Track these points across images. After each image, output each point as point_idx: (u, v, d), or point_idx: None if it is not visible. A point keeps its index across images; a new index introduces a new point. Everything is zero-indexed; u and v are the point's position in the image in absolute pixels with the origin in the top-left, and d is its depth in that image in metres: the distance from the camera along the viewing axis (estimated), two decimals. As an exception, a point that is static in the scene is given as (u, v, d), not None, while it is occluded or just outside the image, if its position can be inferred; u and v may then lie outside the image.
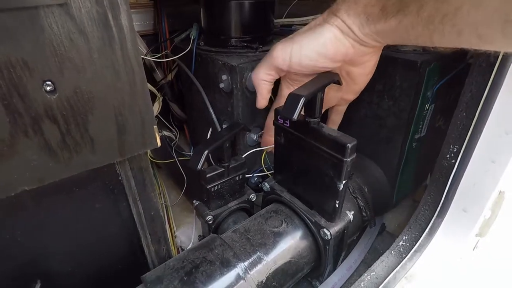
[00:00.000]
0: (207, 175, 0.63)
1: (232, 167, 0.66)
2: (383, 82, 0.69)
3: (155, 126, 0.46)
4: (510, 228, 0.69)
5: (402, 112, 0.68)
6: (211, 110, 0.73)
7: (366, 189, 0.75)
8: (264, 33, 0.75)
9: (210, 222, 0.67)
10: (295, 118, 0.45)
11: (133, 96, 0.41)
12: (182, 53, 0.75)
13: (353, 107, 0.76)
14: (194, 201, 0.71)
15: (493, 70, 0.44)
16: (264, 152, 0.77)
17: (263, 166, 0.78)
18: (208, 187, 0.64)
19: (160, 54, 0.86)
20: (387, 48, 0.70)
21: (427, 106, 0.70)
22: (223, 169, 0.65)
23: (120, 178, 0.48)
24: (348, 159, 0.50)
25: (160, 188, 1.00)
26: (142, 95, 0.42)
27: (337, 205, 0.56)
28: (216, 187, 0.66)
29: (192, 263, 0.52)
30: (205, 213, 0.67)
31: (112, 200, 0.49)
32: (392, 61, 0.65)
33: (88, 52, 0.35)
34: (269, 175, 0.77)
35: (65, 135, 0.37)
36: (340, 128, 0.82)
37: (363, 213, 0.72)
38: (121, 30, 0.36)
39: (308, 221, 0.62)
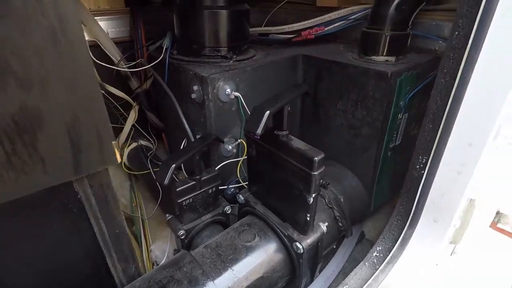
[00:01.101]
0: (178, 189, 0.61)
1: (204, 179, 0.65)
2: (356, 92, 0.68)
3: (114, 142, 0.44)
4: (485, 232, 0.70)
5: (376, 122, 0.68)
6: (184, 121, 0.72)
7: (342, 199, 0.74)
8: (239, 42, 0.75)
9: (183, 237, 0.66)
10: (259, 132, 0.44)
11: (88, 112, 0.39)
12: (154, 63, 0.73)
13: (330, 116, 0.76)
14: (167, 215, 0.69)
15: (455, 81, 0.44)
16: (240, 162, 0.76)
17: (238, 177, 0.77)
18: (179, 201, 0.63)
19: (134, 63, 0.84)
20: (360, 58, 0.70)
21: (400, 116, 0.70)
22: (194, 182, 0.63)
23: (79, 196, 0.46)
24: (316, 173, 0.49)
25: (137, 200, 0.98)
26: (98, 110, 0.40)
27: (308, 218, 0.56)
28: (188, 201, 0.64)
29: (159, 283, 0.51)
30: (178, 228, 0.65)
31: (72, 220, 0.47)
32: (364, 72, 0.65)
33: (35, 66, 0.33)
34: (245, 186, 0.76)
35: (11, 155, 0.35)
36: (318, 136, 0.82)
37: (339, 223, 0.72)
38: (72, 44, 0.35)
39: (281, 234, 0.61)
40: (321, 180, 0.74)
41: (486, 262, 0.83)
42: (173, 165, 0.55)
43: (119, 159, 0.46)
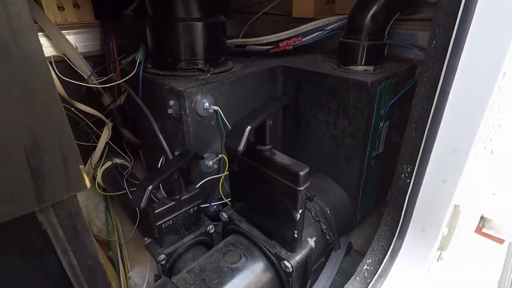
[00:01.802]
0: (156, 211, 0.58)
1: (184, 199, 0.61)
2: (337, 102, 0.68)
3: (81, 166, 0.40)
4: (470, 237, 0.70)
5: (358, 132, 0.67)
6: (161, 137, 0.68)
7: (328, 211, 0.72)
8: (216, 55, 0.72)
9: (163, 262, 0.61)
10: (241, 149, 0.42)
11: (50, 133, 0.35)
12: (126, 78, 0.70)
13: (312, 127, 0.75)
14: (146, 239, 0.65)
15: (436, 90, 0.44)
16: (222, 178, 0.73)
17: (221, 193, 0.74)
18: (158, 223, 0.58)
19: (105, 78, 0.80)
20: (338, 68, 0.70)
21: (381, 124, 0.70)
22: (174, 202, 0.60)
23: (43, 228, 0.41)
24: (302, 188, 0.47)
25: (113, 223, 0.92)
26: (61, 131, 0.36)
27: (296, 235, 0.53)
28: (167, 223, 0.60)
29: (137, 316, 0.46)
30: (158, 252, 0.61)
31: (36, 255, 0.42)
32: (344, 82, 0.65)
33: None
34: (228, 203, 0.73)
35: (-43, 189, 0.30)
36: (300, 148, 0.80)
37: (327, 236, 0.70)
38: (27, 60, 0.31)
39: (268, 253, 0.58)
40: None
41: (472, 266, 0.84)
42: (150, 187, 0.52)
43: (88, 184, 0.42)
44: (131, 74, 0.69)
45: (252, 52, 0.85)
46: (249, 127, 0.42)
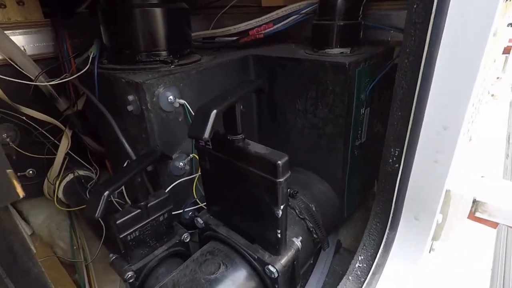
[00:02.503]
0: (118, 222, 0.50)
1: (152, 205, 0.54)
2: (315, 89, 0.63)
3: (9, 170, 0.32)
4: (463, 224, 0.67)
5: (339, 119, 0.63)
6: (122, 139, 0.61)
7: (313, 207, 0.67)
8: (180, 45, 0.66)
9: (131, 280, 0.53)
10: (207, 137, 0.35)
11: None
12: (77, 74, 0.62)
13: (290, 118, 0.70)
14: (111, 256, 0.56)
15: (421, 60, 0.40)
16: (195, 180, 0.66)
17: (195, 197, 0.67)
18: (121, 236, 0.51)
19: (58, 80, 0.71)
20: (314, 53, 0.65)
21: (362, 110, 0.66)
22: (140, 210, 0.52)
23: (-35, 251, 0.33)
24: (282, 179, 0.41)
25: (79, 242, 0.82)
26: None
27: (279, 235, 0.47)
28: (133, 234, 0.53)
29: None
30: (124, 269, 0.53)
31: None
32: (320, 65, 0.60)
33: None
34: (204, 207, 0.66)
35: None
36: (278, 142, 0.75)
37: (314, 235, 0.64)
38: None
39: (251, 259, 0.51)
40: (288, 189, 0.66)
41: (464, 254, 0.81)
42: (106, 193, 0.44)
43: (21, 193, 0.35)
44: (83, 71, 0.62)
45: (221, 44, 0.79)
46: (214, 111, 0.36)
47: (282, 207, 0.44)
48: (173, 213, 0.63)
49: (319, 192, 0.70)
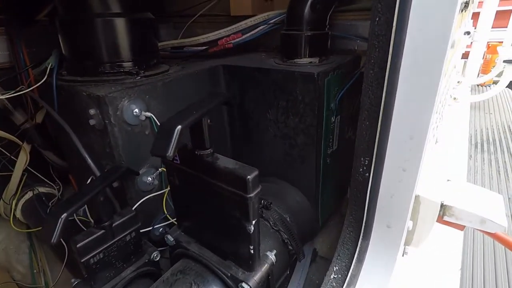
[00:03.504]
0: (79, 245, 0.46)
1: (117, 225, 0.51)
2: (285, 99, 0.63)
3: None
4: (432, 228, 0.68)
5: (310, 128, 0.63)
6: (85, 155, 0.57)
7: (288, 218, 0.66)
8: (146, 56, 0.64)
9: (95, 307, 0.50)
10: (170, 154, 0.33)
11: None
12: (34, 86, 0.58)
13: (262, 128, 0.69)
14: (73, 281, 0.52)
15: (385, 73, 0.40)
16: (165, 195, 0.63)
17: (166, 213, 0.64)
18: (82, 260, 0.47)
19: (12, 92, 0.66)
20: (283, 62, 0.65)
21: (333, 119, 0.66)
22: (103, 230, 0.49)
23: None
24: (252, 195, 0.40)
25: (39, 265, 0.76)
26: None
27: (252, 251, 0.46)
28: (97, 257, 0.49)
29: None
30: (87, 296, 0.49)
31: None
32: (289, 75, 0.60)
33: None
34: (175, 223, 0.63)
35: None
36: (252, 153, 0.74)
37: (289, 247, 0.63)
38: None
39: (224, 276, 0.49)
40: (262, 201, 0.65)
41: (436, 255, 0.83)
42: (64, 215, 0.41)
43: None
44: (40, 83, 0.58)
45: (190, 53, 0.77)
46: (179, 127, 0.34)
47: (254, 222, 0.43)
48: (142, 230, 0.60)
49: (293, 202, 0.70)
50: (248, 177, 0.39)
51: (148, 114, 0.55)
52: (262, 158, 0.72)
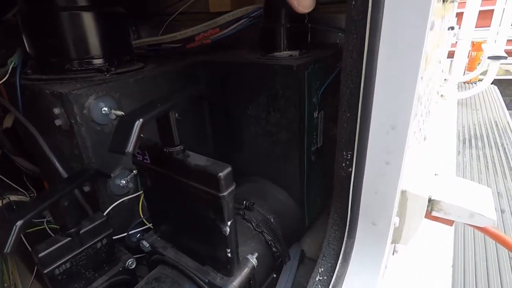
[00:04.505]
0: (41, 255, 0.43)
1: (85, 232, 0.47)
2: (266, 94, 0.60)
3: None
4: (421, 224, 0.67)
5: (292, 124, 0.60)
6: (52, 157, 0.54)
7: (272, 219, 0.63)
8: (118, 52, 0.60)
9: (62, 322, 0.46)
10: (130, 151, 0.30)
11: None
12: (-7, 86, 0.54)
13: (243, 125, 0.67)
14: (39, 293, 0.48)
15: (363, 59, 0.38)
16: (141, 198, 0.60)
17: (142, 217, 0.60)
18: (45, 271, 0.43)
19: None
20: (262, 57, 0.63)
21: (316, 114, 0.64)
22: (69, 238, 0.45)
23: None
24: (225, 193, 0.37)
25: (10, 278, 0.72)
26: None
27: (229, 254, 0.43)
28: (62, 267, 0.46)
29: None
30: (53, 309, 0.46)
31: None
32: (269, 69, 0.58)
33: None
34: (152, 227, 0.60)
35: None
36: (233, 150, 0.71)
37: (273, 249, 0.61)
38: None
39: (201, 282, 0.46)
40: (244, 202, 0.62)
41: (427, 253, 0.81)
42: (18, 223, 0.37)
43: None
44: (1, 81, 0.54)
45: (168, 51, 0.74)
46: (140, 120, 0.31)
47: (229, 223, 0.40)
48: (116, 237, 0.56)
49: (277, 202, 0.67)
50: (220, 174, 0.36)
51: (119, 112, 0.52)
52: (244, 157, 0.70)
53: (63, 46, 0.54)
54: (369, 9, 0.36)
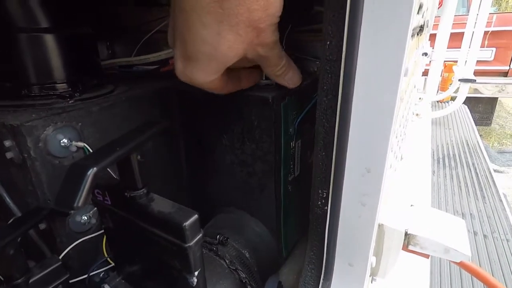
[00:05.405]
0: (-21, 312, 0.37)
1: (36, 280, 0.42)
2: (241, 124, 0.58)
3: None
4: (398, 256, 0.66)
5: (268, 155, 0.58)
6: (3, 194, 0.48)
7: (247, 254, 0.60)
8: (84, 76, 0.57)
9: None
10: (78, 206, 0.27)
11: None
12: None
13: (218, 155, 0.64)
14: None
15: (337, 100, 0.37)
16: (105, 236, 0.55)
17: (106, 256, 0.56)
18: (-16, 330, 0.38)
19: None
20: (238, 85, 0.61)
21: (292, 144, 0.62)
22: (16, 289, 0.40)
23: None
24: (191, 244, 0.34)
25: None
26: None
27: (197, 305, 0.39)
28: (7, 323, 0.40)
29: None
30: None
31: None
32: (245, 99, 0.56)
33: None
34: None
35: None
36: (208, 180, 0.68)
37: (248, 287, 0.57)
38: None
39: (166, 335, 0.42)
40: (217, 236, 0.59)
41: (404, 283, 0.81)
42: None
43: None
44: None
45: (140, 74, 0.71)
46: (94, 169, 0.28)
47: (196, 273, 0.37)
48: (75, 280, 0.51)
49: (253, 234, 0.64)
50: (185, 224, 0.33)
51: (81, 144, 0.48)
52: (219, 186, 0.67)
53: (20, 70, 0.50)
54: (343, 50, 0.34)
